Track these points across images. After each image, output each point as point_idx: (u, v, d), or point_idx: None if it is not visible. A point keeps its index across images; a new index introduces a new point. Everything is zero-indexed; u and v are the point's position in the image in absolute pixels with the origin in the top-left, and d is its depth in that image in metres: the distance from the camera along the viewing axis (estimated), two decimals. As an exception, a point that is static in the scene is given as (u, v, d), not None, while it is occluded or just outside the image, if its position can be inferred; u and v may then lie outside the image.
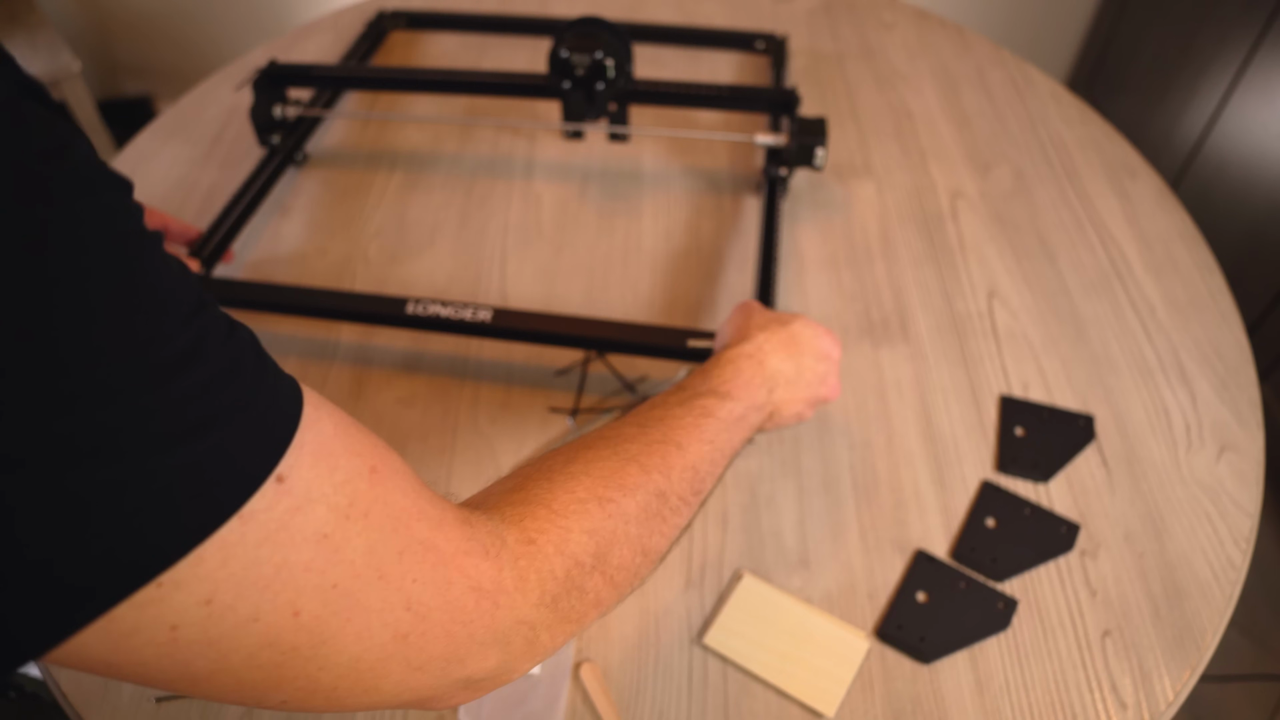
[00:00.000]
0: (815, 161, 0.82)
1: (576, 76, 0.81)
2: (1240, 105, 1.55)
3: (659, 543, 0.45)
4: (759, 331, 0.59)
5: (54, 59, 1.68)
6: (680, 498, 0.47)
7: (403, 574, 0.32)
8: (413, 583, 0.32)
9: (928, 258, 0.83)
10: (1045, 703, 0.56)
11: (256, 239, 0.86)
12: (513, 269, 0.83)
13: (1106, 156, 0.93)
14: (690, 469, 0.48)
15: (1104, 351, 0.75)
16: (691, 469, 0.48)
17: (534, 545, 0.38)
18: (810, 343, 0.60)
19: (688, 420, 0.50)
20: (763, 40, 1.07)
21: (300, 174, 0.94)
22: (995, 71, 1.05)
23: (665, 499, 0.46)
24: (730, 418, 0.53)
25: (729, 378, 0.55)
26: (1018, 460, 0.68)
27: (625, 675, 0.57)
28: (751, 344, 0.58)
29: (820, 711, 0.55)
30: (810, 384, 0.60)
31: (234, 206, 0.83)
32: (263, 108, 0.87)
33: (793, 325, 0.60)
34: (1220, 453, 0.68)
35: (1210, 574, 0.62)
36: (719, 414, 0.52)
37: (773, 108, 0.89)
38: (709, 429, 0.51)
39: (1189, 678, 0.57)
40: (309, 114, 0.94)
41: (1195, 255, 0.83)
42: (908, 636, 0.58)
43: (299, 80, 0.92)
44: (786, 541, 0.64)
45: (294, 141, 0.92)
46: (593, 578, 0.41)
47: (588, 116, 0.84)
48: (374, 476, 0.32)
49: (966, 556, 0.62)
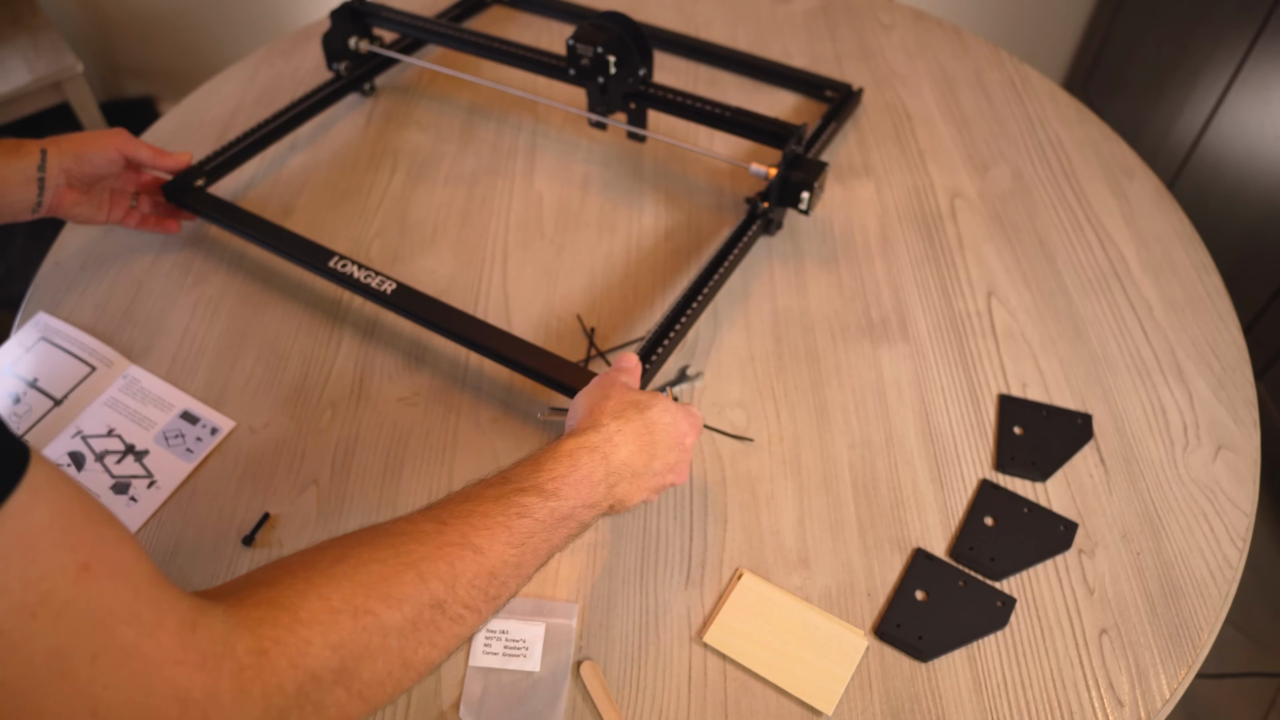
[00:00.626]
0: (801, 204, 0.78)
1: (581, 66, 0.83)
2: (1236, 106, 1.55)
3: (429, 654, 0.42)
4: (611, 420, 0.54)
5: (57, 60, 1.68)
6: (466, 606, 0.43)
7: (93, 679, 0.31)
8: (104, 689, 0.31)
9: (927, 257, 0.84)
10: (1043, 700, 0.56)
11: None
12: (514, 268, 0.83)
13: (1104, 157, 0.94)
14: (486, 575, 0.44)
15: (1102, 351, 0.76)
16: (488, 575, 0.45)
17: (265, 656, 0.36)
18: (666, 431, 0.56)
19: (497, 520, 0.46)
20: (833, 89, 1.00)
21: (302, 173, 0.94)
22: (993, 72, 1.05)
23: (444, 609, 0.42)
24: (552, 519, 0.48)
25: (562, 473, 0.50)
26: (1016, 459, 0.68)
27: (625, 673, 0.58)
28: (599, 434, 0.53)
29: (819, 709, 0.56)
30: (659, 474, 0.56)
31: (282, 114, 0.93)
32: (337, 37, 0.98)
33: (650, 412, 0.56)
34: (1217, 452, 0.69)
35: (1206, 572, 0.62)
36: (537, 514, 0.48)
37: (774, 140, 0.82)
38: (520, 531, 0.46)
39: (1185, 675, 0.58)
40: (381, 52, 1.02)
41: (1192, 255, 0.84)
42: (906, 635, 0.59)
43: (374, 19, 1.00)
44: (786, 540, 0.64)
45: (361, 73, 1.02)
46: (334, 693, 0.38)
47: (599, 109, 0.86)
48: (83, 574, 0.31)
49: (965, 555, 0.63)
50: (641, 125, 0.88)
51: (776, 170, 0.79)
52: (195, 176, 0.85)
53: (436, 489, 0.67)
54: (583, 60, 0.83)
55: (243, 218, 0.81)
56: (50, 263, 0.85)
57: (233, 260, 0.85)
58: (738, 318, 0.78)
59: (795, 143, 0.79)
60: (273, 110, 0.95)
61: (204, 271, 0.84)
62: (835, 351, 0.76)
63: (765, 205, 0.81)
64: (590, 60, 0.82)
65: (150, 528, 0.66)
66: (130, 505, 0.67)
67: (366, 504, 0.66)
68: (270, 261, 0.85)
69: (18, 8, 1.77)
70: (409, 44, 1.06)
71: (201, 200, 0.83)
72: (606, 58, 0.81)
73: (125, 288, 0.82)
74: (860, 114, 1.00)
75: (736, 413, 0.71)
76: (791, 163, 0.79)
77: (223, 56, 2.05)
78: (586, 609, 0.61)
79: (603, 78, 0.83)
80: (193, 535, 0.65)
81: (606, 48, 0.81)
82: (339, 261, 0.75)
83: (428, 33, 0.98)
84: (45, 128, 2.13)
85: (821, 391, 0.73)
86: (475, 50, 0.95)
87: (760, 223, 0.82)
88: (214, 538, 0.65)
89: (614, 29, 0.82)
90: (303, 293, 0.82)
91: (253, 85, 1.05)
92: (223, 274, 0.84)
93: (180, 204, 0.83)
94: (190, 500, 0.67)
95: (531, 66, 0.91)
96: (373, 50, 1.00)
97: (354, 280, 0.74)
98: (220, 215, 0.82)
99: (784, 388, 0.73)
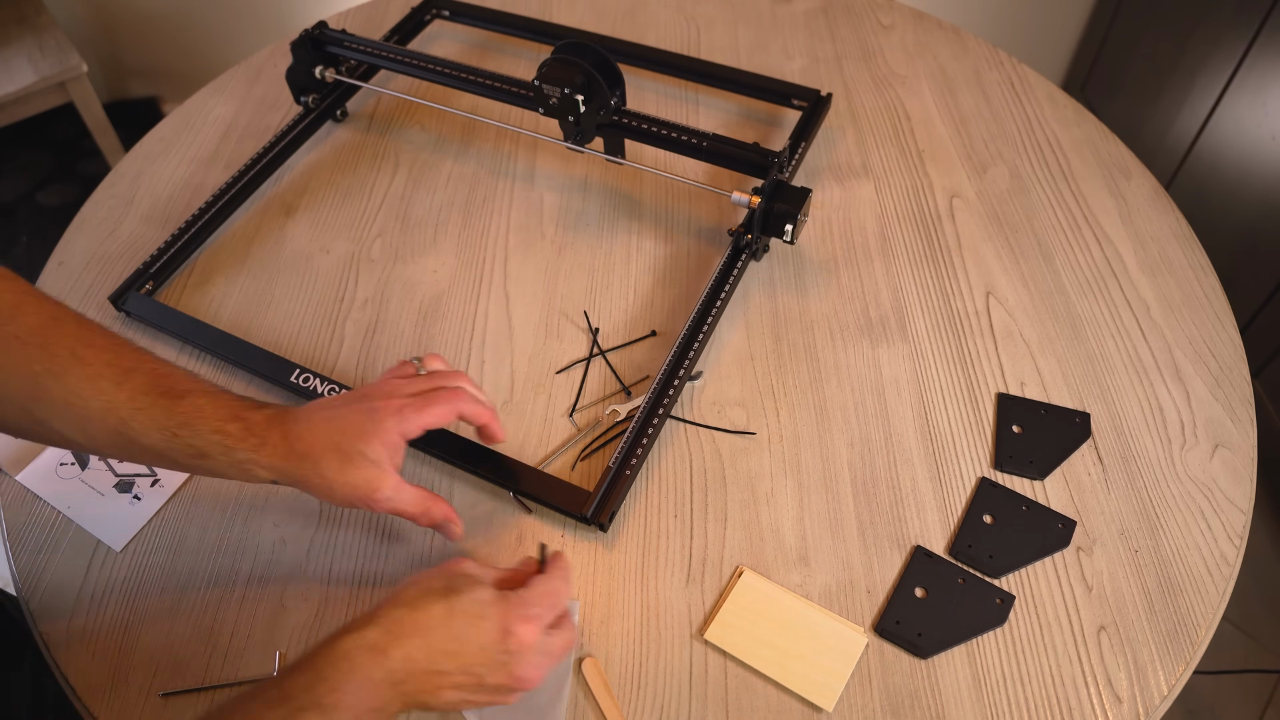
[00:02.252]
0: (785, 235, 0.75)
1: (550, 105, 0.80)
2: (1233, 106, 1.56)
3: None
4: (395, 609, 0.48)
5: (62, 60, 1.68)
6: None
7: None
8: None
9: (925, 257, 0.84)
10: (1041, 697, 0.57)
11: (261, 237, 0.87)
12: (514, 268, 0.84)
13: (1102, 157, 0.94)
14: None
15: (1100, 350, 0.76)
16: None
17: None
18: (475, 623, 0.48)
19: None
20: (801, 96, 0.96)
21: (304, 172, 0.94)
22: (992, 73, 1.06)
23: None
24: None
25: (339, 681, 0.45)
26: (1014, 457, 0.68)
27: (627, 670, 0.58)
28: (377, 628, 0.47)
29: (820, 706, 0.56)
30: (472, 672, 0.48)
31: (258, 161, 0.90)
32: (301, 69, 0.94)
33: (456, 600, 0.49)
34: (1214, 450, 0.69)
35: (1204, 569, 0.62)
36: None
37: (753, 169, 0.79)
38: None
39: (1183, 672, 0.58)
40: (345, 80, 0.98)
41: (1189, 255, 0.84)
42: (906, 632, 0.59)
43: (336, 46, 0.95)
44: (786, 538, 0.64)
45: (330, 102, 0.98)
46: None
47: (573, 140, 0.83)
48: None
49: (964, 553, 0.63)
50: (619, 153, 0.85)
51: (758, 199, 0.76)
52: (142, 281, 0.80)
53: (437, 491, 0.68)
54: (551, 100, 0.80)
55: (195, 330, 0.76)
56: (54, 262, 0.86)
57: (235, 259, 0.85)
58: (737, 317, 0.79)
59: (777, 171, 0.76)
60: (273, 110, 0.95)
61: (207, 270, 0.84)
62: (834, 351, 0.76)
63: (748, 237, 0.78)
64: (559, 100, 0.79)
65: (153, 526, 0.66)
66: (134, 504, 0.67)
67: (369, 502, 0.67)
68: (271, 262, 0.85)
69: (23, 7, 1.77)
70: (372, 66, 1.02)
71: (149, 310, 0.78)
72: (574, 97, 0.78)
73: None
74: (859, 114, 1.00)
75: (736, 411, 0.72)
76: (773, 192, 0.75)
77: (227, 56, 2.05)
78: (588, 606, 0.61)
79: (573, 116, 0.80)
80: (195, 534, 0.66)
81: (574, 88, 0.77)
82: (300, 375, 0.72)
83: (394, 62, 0.94)
84: (49, 128, 2.14)
85: (821, 390, 0.73)
86: (445, 80, 0.91)
87: (746, 254, 0.79)
88: (216, 537, 0.66)
89: (580, 64, 0.78)
90: (304, 293, 0.82)
91: (256, 85, 1.06)
92: (225, 273, 0.84)
93: (128, 315, 0.79)
94: (193, 500, 0.68)
95: (501, 97, 0.88)
96: (339, 79, 0.97)
97: (317, 394, 0.70)
98: (172, 327, 0.77)
99: (783, 387, 0.74)
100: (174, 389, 0.55)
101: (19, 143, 2.13)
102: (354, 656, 0.46)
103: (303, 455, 0.54)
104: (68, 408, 0.53)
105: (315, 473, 0.54)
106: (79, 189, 2.05)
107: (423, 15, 1.11)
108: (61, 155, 2.13)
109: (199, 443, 0.54)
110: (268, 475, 0.55)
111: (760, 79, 0.99)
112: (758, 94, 0.99)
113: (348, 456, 0.54)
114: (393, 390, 0.57)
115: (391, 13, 1.17)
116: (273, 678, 0.46)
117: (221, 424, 0.54)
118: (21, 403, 0.53)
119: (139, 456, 0.55)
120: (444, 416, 0.57)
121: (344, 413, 0.55)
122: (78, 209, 0.91)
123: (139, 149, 0.98)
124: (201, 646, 0.60)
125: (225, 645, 0.60)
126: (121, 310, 0.79)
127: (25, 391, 0.53)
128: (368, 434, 0.54)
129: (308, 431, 0.55)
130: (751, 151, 0.80)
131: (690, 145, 0.82)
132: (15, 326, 0.53)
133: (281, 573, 0.63)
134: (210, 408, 0.54)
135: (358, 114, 1.02)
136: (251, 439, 0.54)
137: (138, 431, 0.53)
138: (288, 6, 2.04)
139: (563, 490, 0.65)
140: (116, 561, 0.64)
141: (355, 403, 0.56)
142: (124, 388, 0.53)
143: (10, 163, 2.11)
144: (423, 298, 0.81)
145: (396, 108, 1.03)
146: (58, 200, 2.04)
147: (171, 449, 0.54)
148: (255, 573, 0.63)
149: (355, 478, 0.54)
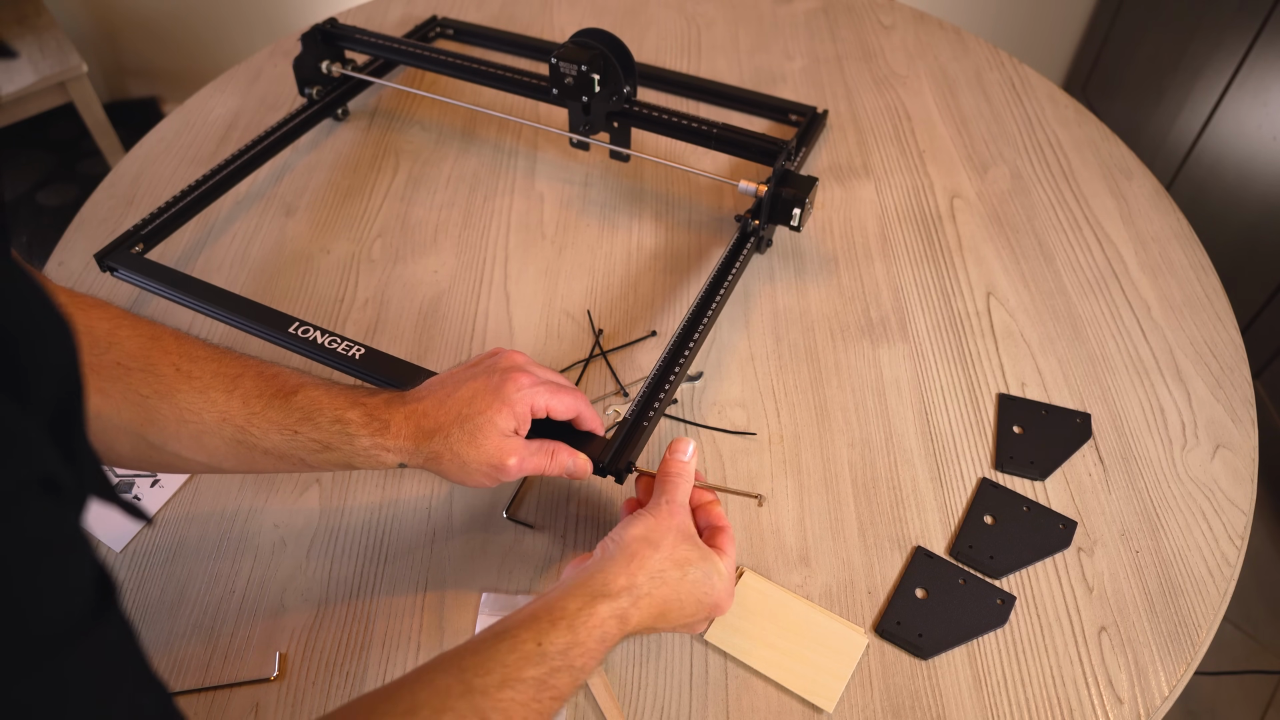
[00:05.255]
0: (793, 221, 0.77)
1: (565, 84, 0.81)
2: (1234, 107, 1.56)
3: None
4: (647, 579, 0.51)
5: (62, 61, 1.68)
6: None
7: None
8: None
9: (926, 257, 0.84)
10: (1042, 697, 0.57)
11: (261, 238, 0.87)
12: (515, 268, 0.84)
13: (1102, 157, 0.94)
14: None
15: (1100, 350, 0.76)
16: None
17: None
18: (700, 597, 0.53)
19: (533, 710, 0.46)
20: (799, 112, 0.98)
21: (305, 173, 0.94)
22: (993, 73, 1.06)
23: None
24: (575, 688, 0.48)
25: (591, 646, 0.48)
26: (1015, 458, 0.68)
27: (627, 671, 0.58)
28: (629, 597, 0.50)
29: (820, 707, 0.56)
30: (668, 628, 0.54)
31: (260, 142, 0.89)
32: (308, 61, 0.95)
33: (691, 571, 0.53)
34: (1215, 450, 0.69)
35: (1205, 570, 0.62)
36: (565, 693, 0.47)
37: (762, 156, 0.81)
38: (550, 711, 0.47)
39: (1184, 672, 0.58)
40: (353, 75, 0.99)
41: (1190, 255, 0.84)
42: (906, 633, 0.59)
43: (347, 40, 0.97)
44: (786, 538, 0.64)
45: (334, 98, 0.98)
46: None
47: (582, 129, 0.84)
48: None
49: (965, 553, 0.63)
50: (625, 145, 0.86)
51: (766, 187, 0.77)
52: (133, 242, 0.79)
53: (437, 491, 0.68)
54: (566, 79, 0.81)
55: (189, 285, 0.75)
56: (54, 262, 0.86)
57: (235, 259, 0.85)
58: (738, 317, 0.79)
59: (785, 158, 0.78)
60: (273, 111, 0.95)
61: (206, 270, 0.84)
62: (835, 351, 0.76)
63: (755, 223, 0.79)
64: (574, 78, 0.81)
65: (153, 526, 0.66)
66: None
67: (368, 503, 0.67)
68: (272, 262, 0.85)
69: (23, 8, 1.78)
70: (381, 65, 1.04)
71: (140, 268, 0.76)
72: (590, 75, 0.80)
73: (128, 287, 0.82)
74: (860, 114, 1.00)
75: (737, 412, 0.72)
76: (781, 179, 0.77)
77: (226, 57, 2.06)
78: (588, 607, 0.61)
79: (587, 96, 0.82)
80: (196, 534, 0.66)
81: (590, 65, 0.79)
82: (300, 327, 0.70)
83: (402, 54, 0.95)
84: (49, 128, 2.14)
85: (821, 391, 0.73)
86: (453, 72, 0.92)
87: (752, 242, 0.80)
88: (216, 537, 0.65)
89: (598, 47, 0.81)
90: (304, 293, 0.82)
91: (256, 86, 1.06)
92: (225, 272, 0.84)
93: (114, 274, 0.78)
94: (193, 499, 0.68)
95: (511, 87, 0.89)
96: (345, 74, 0.98)
97: (318, 345, 0.69)
98: (162, 284, 0.75)
99: (784, 387, 0.73)
100: (285, 386, 0.54)
101: (19, 143, 2.13)
102: (607, 625, 0.49)
103: (431, 432, 0.54)
104: (182, 425, 0.53)
105: (446, 448, 0.54)
106: (79, 189, 2.05)
107: (426, 33, 1.12)
108: (61, 155, 2.13)
109: (321, 435, 0.54)
110: (395, 458, 0.55)
111: (757, 95, 1.00)
112: (755, 110, 1.00)
113: (478, 428, 0.54)
114: (515, 364, 0.58)
115: (391, 14, 1.17)
116: (525, 623, 0.48)
117: (340, 413, 0.54)
118: (135, 430, 0.52)
119: (260, 463, 0.55)
120: (571, 408, 0.58)
121: (469, 387, 0.56)
122: (78, 209, 0.91)
123: (139, 149, 0.98)
124: (201, 646, 0.60)
125: (225, 645, 0.60)
126: (106, 269, 0.77)
127: (137, 418, 0.52)
128: (498, 404, 0.55)
129: (434, 408, 0.55)
130: (761, 140, 0.82)
131: (701, 133, 0.83)
132: (116, 353, 0.52)
133: (281, 573, 0.63)
134: (326, 399, 0.54)
135: (359, 114, 1.02)
136: (374, 423, 0.54)
137: (257, 435, 0.53)
138: (287, 7, 2.04)
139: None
140: (117, 562, 0.64)
141: (478, 377, 0.57)
142: (235, 394, 0.53)
143: (10, 163, 2.11)
144: (423, 298, 0.81)
145: (397, 108, 1.03)
146: (58, 200, 2.04)
147: (293, 447, 0.54)
148: (255, 573, 0.63)
149: (487, 446, 0.54)
